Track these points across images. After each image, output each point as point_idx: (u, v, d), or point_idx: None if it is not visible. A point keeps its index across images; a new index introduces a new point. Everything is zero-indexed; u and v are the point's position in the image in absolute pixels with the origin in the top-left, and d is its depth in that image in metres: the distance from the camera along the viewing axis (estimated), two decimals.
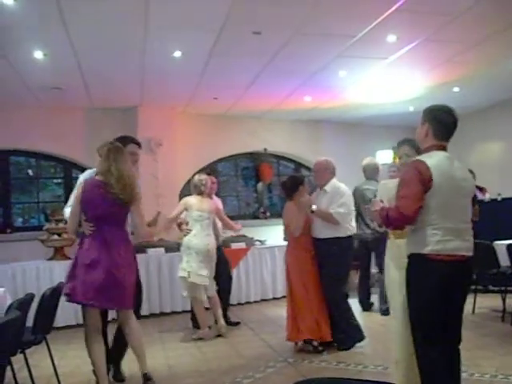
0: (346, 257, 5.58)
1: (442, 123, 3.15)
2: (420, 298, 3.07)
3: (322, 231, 5.46)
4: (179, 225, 6.32)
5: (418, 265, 3.09)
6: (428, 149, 3.17)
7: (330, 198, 5.48)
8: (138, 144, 4.77)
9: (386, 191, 3.79)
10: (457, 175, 3.09)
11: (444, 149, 3.17)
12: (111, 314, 4.61)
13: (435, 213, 3.01)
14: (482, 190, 9.12)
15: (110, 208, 3.98)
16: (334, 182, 5.63)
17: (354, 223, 5.74)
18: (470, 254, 3.12)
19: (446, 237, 3.00)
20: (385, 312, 6.89)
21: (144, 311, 7.61)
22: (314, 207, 5.37)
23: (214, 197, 7.08)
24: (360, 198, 7.21)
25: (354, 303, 7.37)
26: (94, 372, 4.17)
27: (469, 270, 3.19)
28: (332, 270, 5.40)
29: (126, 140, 4.56)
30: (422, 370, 3.13)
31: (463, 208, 3.13)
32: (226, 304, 6.85)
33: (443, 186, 3.00)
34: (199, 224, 6.19)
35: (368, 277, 7.63)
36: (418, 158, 3.14)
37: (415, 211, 2.97)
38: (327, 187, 5.56)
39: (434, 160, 3.05)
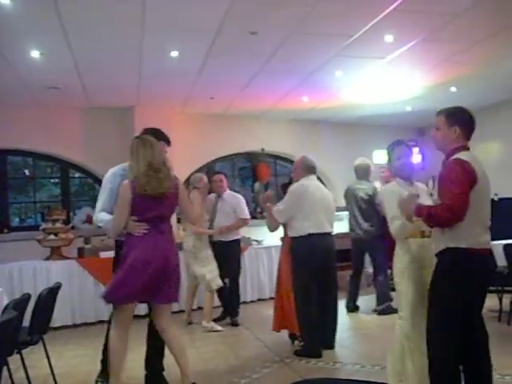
0: (296, 259, 5.32)
1: (469, 125, 3.34)
2: (458, 289, 3.18)
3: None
4: None
5: (454, 258, 3.21)
6: (458, 149, 3.29)
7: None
8: (168, 141, 4.64)
9: (393, 195, 3.79)
10: (486, 174, 3.27)
11: (469, 149, 3.34)
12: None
13: (475, 210, 3.14)
14: None
15: (160, 206, 3.91)
16: (302, 180, 5.50)
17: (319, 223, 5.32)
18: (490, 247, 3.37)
19: (480, 232, 3.22)
20: (381, 312, 6.91)
21: (140, 310, 7.62)
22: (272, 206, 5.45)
23: (230, 194, 7.19)
24: (352, 197, 7.21)
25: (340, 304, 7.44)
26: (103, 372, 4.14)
27: (493, 259, 3.49)
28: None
29: (156, 135, 4.39)
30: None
31: (489, 205, 3.34)
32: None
33: (482, 184, 3.18)
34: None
35: (359, 278, 7.57)
36: (458, 157, 3.22)
37: (466, 209, 3.08)
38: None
39: (471, 159, 3.21)
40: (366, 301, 7.64)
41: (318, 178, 5.88)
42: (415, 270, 3.76)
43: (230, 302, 7.11)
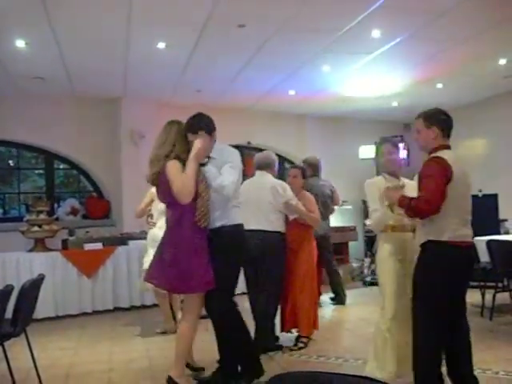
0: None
1: (446, 124, 3.51)
2: (440, 282, 3.32)
3: None
4: (146, 217, 6.27)
5: (436, 250, 3.38)
6: (438, 148, 3.46)
7: None
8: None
9: (375, 189, 3.98)
10: (465, 171, 3.44)
11: (449, 147, 3.49)
12: None
13: (453, 204, 3.31)
14: None
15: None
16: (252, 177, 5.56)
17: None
18: (473, 241, 3.54)
19: (459, 225, 3.36)
20: (333, 300, 7.50)
21: (125, 303, 7.62)
22: None
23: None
24: (320, 194, 7.06)
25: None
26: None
27: (475, 254, 3.76)
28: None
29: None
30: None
31: (469, 200, 3.50)
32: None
33: (459, 180, 3.34)
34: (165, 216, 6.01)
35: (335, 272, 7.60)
36: (436, 155, 3.41)
37: (441, 200, 3.27)
38: None
39: (449, 157, 3.37)
40: (351, 294, 7.67)
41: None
42: (395, 262, 3.91)
43: None
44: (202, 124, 4.14)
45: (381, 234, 4.06)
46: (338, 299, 7.44)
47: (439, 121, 3.49)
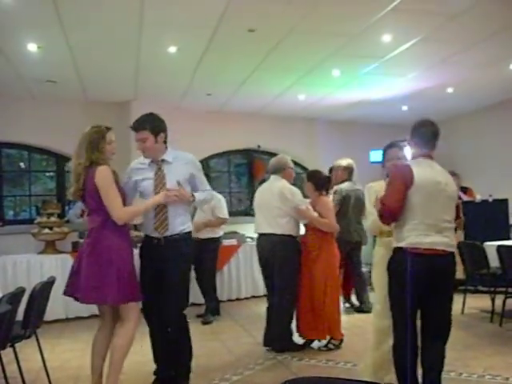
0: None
1: (424, 136, 3.59)
2: (402, 288, 3.36)
3: None
4: None
5: (397, 257, 3.47)
6: (414, 157, 3.63)
7: None
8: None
9: (373, 193, 4.05)
10: (438, 179, 3.45)
11: (429, 156, 3.57)
12: None
13: (417, 210, 3.37)
14: (466, 191, 9.16)
15: None
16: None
17: None
18: (451, 249, 3.44)
19: (425, 232, 3.35)
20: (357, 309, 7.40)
21: None
22: None
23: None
24: (354, 198, 7.13)
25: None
26: None
27: (450, 263, 3.47)
28: None
29: None
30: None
31: (444, 208, 3.45)
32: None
33: (425, 187, 3.37)
34: None
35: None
36: (404, 163, 3.67)
37: (395, 203, 3.38)
38: None
39: (416, 164, 3.50)
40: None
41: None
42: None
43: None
44: (145, 124, 4.12)
45: (377, 238, 4.15)
46: (363, 307, 7.23)
47: (417, 133, 3.63)
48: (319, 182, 5.54)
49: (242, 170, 10.91)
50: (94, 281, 3.73)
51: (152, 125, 4.11)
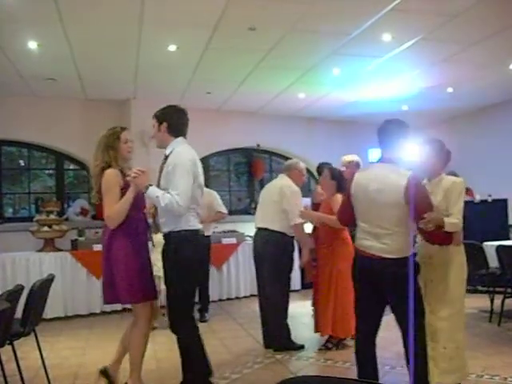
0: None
1: (378, 138, 3.91)
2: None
3: None
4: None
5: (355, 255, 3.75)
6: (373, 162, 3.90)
7: None
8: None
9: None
10: (370, 188, 3.51)
11: (387, 159, 3.64)
12: None
13: (358, 216, 3.67)
14: (466, 191, 9.15)
15: None
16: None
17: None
18: (386, 255, 3.43)
19: (365, 236, 3.57)
20: None
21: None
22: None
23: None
24: None
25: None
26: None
27: (388, 267, 3.42)
28: None
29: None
30: None
31: (381, 215, 3.48)
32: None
33: (357, 196, 3.62)
34: None
35: None
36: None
37: (339, 214, 3.98)
38: None
39: (362, 171, 3.80)
40: None
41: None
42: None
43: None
44: (157, 111, 4.09)
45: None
46: None
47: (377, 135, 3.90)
48: (342, 184, 5.23)
49: (242, 169, 10.90)
50: (107, 280, 3.88)
51: (159, 112, 4.06)
